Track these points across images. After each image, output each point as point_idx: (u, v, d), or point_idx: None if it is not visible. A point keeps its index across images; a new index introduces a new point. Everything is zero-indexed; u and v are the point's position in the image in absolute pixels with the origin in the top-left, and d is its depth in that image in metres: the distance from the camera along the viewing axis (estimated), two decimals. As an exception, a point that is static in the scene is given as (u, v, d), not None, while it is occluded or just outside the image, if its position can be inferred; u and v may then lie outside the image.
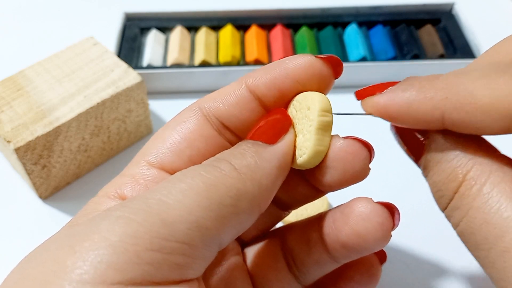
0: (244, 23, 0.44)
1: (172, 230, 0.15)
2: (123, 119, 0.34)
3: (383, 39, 0.43)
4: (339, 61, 0.20)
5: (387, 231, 0.19)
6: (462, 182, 0.16)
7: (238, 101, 0.20)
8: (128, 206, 0.16)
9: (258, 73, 0.20)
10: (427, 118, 0.17)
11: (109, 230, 0.15)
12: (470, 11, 0.45)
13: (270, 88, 0.19)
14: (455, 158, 0.17)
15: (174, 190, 0.16)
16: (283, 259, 0.22)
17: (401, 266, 0.30)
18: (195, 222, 0.15)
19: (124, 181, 0.20)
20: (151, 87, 0.40)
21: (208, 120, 0.20)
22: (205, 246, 0.16)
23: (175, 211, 0.15)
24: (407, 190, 0.33)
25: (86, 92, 0.32)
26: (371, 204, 0.19)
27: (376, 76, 0.40)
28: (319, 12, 0.45)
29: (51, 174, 0.32)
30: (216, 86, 0.40)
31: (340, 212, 0.20)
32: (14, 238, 0.32)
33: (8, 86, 0.32)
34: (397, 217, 0.20)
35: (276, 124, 0.19)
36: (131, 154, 0.37)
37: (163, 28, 0.44)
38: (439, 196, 0.18)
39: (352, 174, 0.19)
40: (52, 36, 0.46)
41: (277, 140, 0.19)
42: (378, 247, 0.19)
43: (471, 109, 0.16)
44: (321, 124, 0.18)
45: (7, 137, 0.29)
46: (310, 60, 0.19)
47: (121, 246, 0.14)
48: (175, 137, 0.20)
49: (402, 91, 0.17)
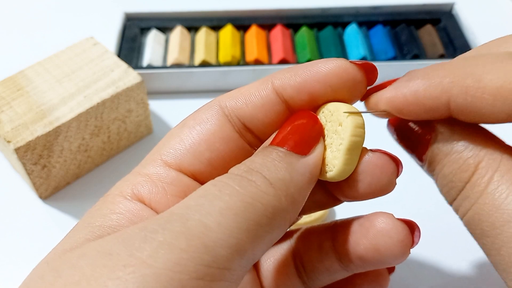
0: (244, 23, 0.44)
1: (214, 256, 0.14)
2: (123, 119, 0.34)
3: (383, 39, 0.43)
4: (374, 67, 0.19)
5: (406, 248, 0.19)
6: (474, 172, 0.16)
7: (263, 103, 0.19)
8: (168, 229, 0.15)
9: (286, 74, 0.19)
10: (433, 104, 0.17)
11: (152, 255, 0.14)
12: (470, 11, 0.45)
13: (299, 92, 0.18)
14: (465, 149, 0.17)
15: (213, 210, 0.15)
16: (293, 264, 0.22)
17: (401, 266, 0.30)
18: (235, 246, 0.15)
19: (139, 181, 0.19)
20: (151, 87, 0.40)
21: (230, 120, 0.19)
22: (241, 267, 0.15)
23: (216, 234, 0.15)
24: (408, 191, 0.33)
25: (86, 92, 0.32)
26: (392, 220, 0.19)
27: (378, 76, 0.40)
28: (319, 12, 0.45)
29: (51, 174, 0.32)
30: (216, 86, 0.41)
31: (359, 224, 0.20)
32: (14, 238, 0.32)
33: (8, 86, 0.32)
34: (417, 234, 0.20)
35: (308, 133, 0.18)
36: (131, 154, 0.37)
37: (163, 28, 0.44)
38: (450, 188, 0.17)
39: (379, 188, 0.19)
40: (52, 36, 0.46)
41: (309, 151, 0.18)
42: (395, 263, 0.19)
43: (479, 93, 0.15)
44: (352, 144, 0.18)
45: (7, 137, 0.29)
46: (344, 64, 0.18)
47: (166, 274, 0.14)
48: (194, 138, 0.19)
49: (407, 81, 0.17)
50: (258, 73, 0.40)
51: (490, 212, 0.16)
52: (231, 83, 0.40)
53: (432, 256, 0.30)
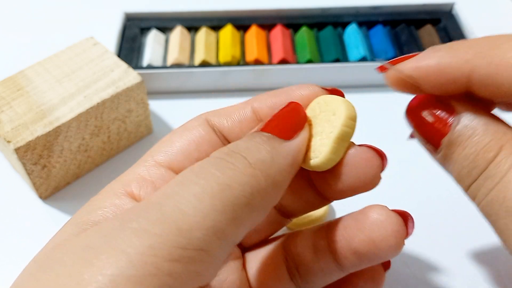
0: (244, 23, 0.44)
1: (190, 238, 0.15)
2: (123, 119, 0.34)
3: (383, 39, 0.43)
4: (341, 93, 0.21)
5: (401, 239, 0.19)
6: (499, 152, 0.17)
7: (241, 120, 0.21)
8: (143, 217, 0.15)
9: (265, 97, 0.21)
10: (456, 74, 0.17)
11: (126, 242, 0.14)
12: (470, 11, 0.45)
13: (273, 109, 0.20)
14: (488, 132, 0.17)
15: (187, 194, 0.16)
16: (285, 266, 0.22)
17: (401, 266, 0.30)
18: (211, 228, 0.15)
19: (130, 179, 0.19)
20: (151, 87, 0.40)
21: (214, 131, 0.21)
22: (221, 249, 0.16)
23: (191, 218, 0.15)
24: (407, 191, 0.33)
25: (86, 92, 0.32)
26: (386, 211, 0.19)
27: (377, 76, 0.40)
28: (319, 12, 0.45)
29: (51, 174, 0.32)
30: (216, 86, 0.41)
31: (353, 219, 0.20)
32: (14, 238, 0.32)
33: (8, 86, 0.32)
34: (411, 225, 0.20)
35: (292, 119, 0.19)
36: (131, 154, 0.37)
37: (163, 28, 0.44)
38: (471, 168, 0.18)
39: (364, 181, 0.19)
40: (52, 36, 0.46)
41: (293, 136, 0.18)
42: (390, 255, 0.19)
43: (503, 66, 0.16)
44: (343, 134, 0.18)
45: (7, 137, 0.29)
46: (314, 90, 0.20)
47: (140, 259, 0.14)
48: (184, 141, 0.20)
49: (432, 52, 0.18)
50: (258, 73, 0.40)
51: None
52: (231, 83, 0.40)
53: (431, 255, 0.30)
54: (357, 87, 0.41)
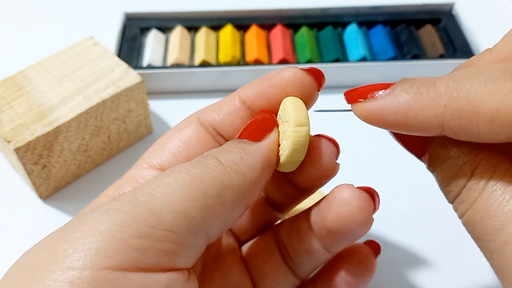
0: (244, 23, 0.44)
1: (159, 218, 0.16)
2: (123, 119, 0.34)
3: (383, 39, 0.43)
4: (320, 73, 0.21)
5: (368, 213, 0.20)
6: (470, 178, 0.17)
7: (231, 111, 0.22)
8: (117, 200, 0.17)
9: (249, 85, 0.22)
10: (425, 126, 0.16)
11: (98, 220, 0.16)
12: (470, 11, 0.45)
13: (258, 98, 0.21)
14: (461, 155, 0.17)
15: (161, 183, 0.17)
16: (277, 251, 0.23)
17: (401, 266, 0.30)
18: (181, 212, 0.16)
19: (124, 182, 0.21)
20: (151, 87, 0.40)
21: (204, 127, 0.22)
22: (192, 234, 0.17)
23: (161, 201, 0.16)
24: (405, 189, 0.33)
25: (86, 92, 0.32)
26: (351, 189, 0.20)
27: (376, 76, 0.40)
28: (319, 12, 0.45)
29: (51, 174, 0.32)
30: (216, 86, 0.41)
31: (325, 199, 0.21)
32: (14, 238, 0.32)
33: (8, 86, 0.32)
34: (377, 200, 0.21)
35: (261, 124, 0.20)
36: (131, 154, 0.37)
37: (163, 28, 0.44)
38: (448, 192, 0.18)
39: (320, 169, 0.21)
40: (52, 36, 0.46)
41: (262, 137, 0.20)
42: (362, 231, 0.20)
43: (473, 118, 0.15)
44: (296, 140, 0.19)
45: (7, 137, 0.29)
46: (294, 71, 0.21)
47: (109, 234, 0.15)
48: (174, 141, 0.21)
49: (397, 96, 0.17)
50: (258, 73, 0.40)
51: (483, 219, 0.16)
52: (231, 83, 0.40)
53: (431, 255, 0.30)
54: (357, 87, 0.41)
